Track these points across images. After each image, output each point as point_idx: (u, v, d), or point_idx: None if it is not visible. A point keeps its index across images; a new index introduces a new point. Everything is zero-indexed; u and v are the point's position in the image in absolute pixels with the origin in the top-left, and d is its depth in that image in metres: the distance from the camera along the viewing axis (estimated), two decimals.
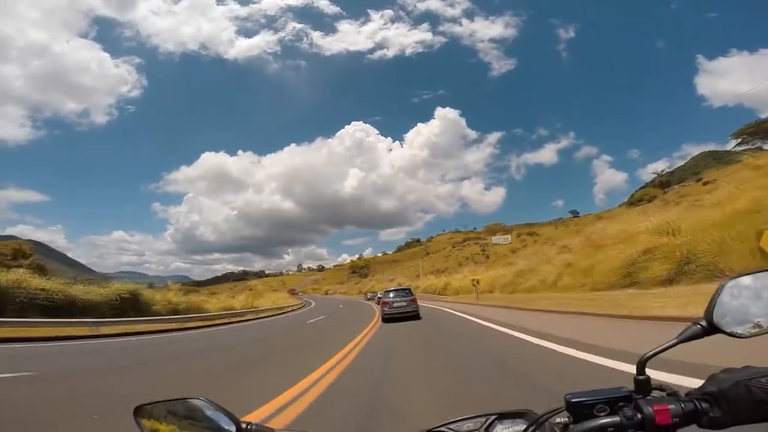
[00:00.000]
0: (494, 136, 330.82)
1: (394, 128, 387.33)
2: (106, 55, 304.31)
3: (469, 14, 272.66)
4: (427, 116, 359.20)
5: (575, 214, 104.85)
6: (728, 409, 0.57)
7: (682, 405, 0.59)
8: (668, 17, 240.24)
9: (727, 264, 10.42)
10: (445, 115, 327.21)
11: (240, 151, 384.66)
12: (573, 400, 0.63)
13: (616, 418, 0.60)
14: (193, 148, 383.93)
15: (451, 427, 0.71)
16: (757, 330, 0.67)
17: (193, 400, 0.77)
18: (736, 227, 10.92)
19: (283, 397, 3.94)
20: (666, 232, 14.20)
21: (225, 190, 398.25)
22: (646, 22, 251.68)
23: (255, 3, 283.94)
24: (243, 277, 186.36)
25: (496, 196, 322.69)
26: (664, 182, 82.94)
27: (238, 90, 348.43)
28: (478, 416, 0.72)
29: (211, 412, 0.75)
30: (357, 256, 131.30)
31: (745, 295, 0.69)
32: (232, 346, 10.81)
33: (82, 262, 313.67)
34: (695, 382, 0.68)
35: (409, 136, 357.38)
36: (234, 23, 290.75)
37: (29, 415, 4.00)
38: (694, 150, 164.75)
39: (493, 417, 0.72)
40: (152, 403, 0.78)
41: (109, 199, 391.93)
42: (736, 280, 0.71)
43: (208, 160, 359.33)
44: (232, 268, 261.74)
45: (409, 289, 16.80)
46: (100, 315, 15.92)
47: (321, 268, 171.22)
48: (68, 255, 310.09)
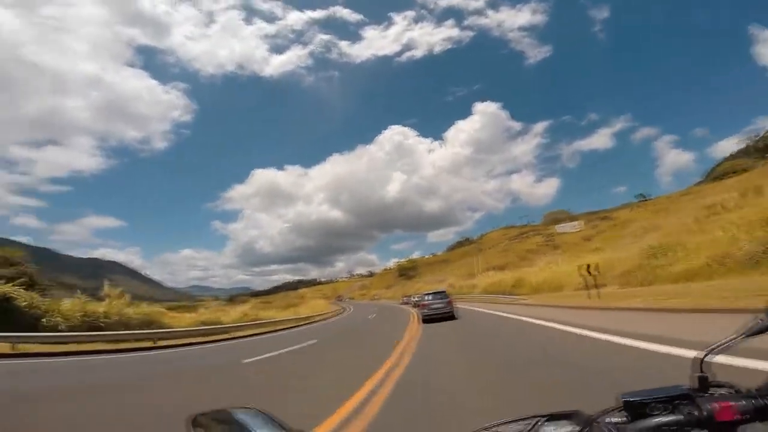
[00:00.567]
0: (540, 126, 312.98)
1: (432, 128, 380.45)
2: (155, 82, 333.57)
3: (493, 5, 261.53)
4: (464, 112, 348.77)
5: (643, 197, 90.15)
6: None
7: (745, 401, 0.56)
8: None
9: None
10: (485, 110, 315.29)
11: (287, 166, 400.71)
12: (628, 399, 0.59)
13: (676, 416, 0.57)
14: (244, 165, 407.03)
15: (499, 429, 0.66)
16: None
17: (246, 410, 0.80)
18: None
19: None
20: None
21: (277, 204, 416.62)
22: None
23: (280, 19, 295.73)
24: (296, 286, 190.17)
25: (549, 187, 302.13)
26: (761, 147, 66.90)
27: (278, 105, 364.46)
28: (527, 418, 0.66)
29: (263, 422, 0.75)
30: (404, 259, 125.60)
31: None
32: None
33: (156, 278, 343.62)
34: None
35: (449, 134, 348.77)
36: (265, 41, 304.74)
37: None
38: None
39: (542, 419, 0.66)
40: (207, 412, 0.80)
41: (176, 219, 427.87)
42: None
43: (259, 177, 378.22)
44: (289, 278, 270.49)
45: (445, 292, 17.95)
46: None
47: (370, 274, 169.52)
48: (143, 273, 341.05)
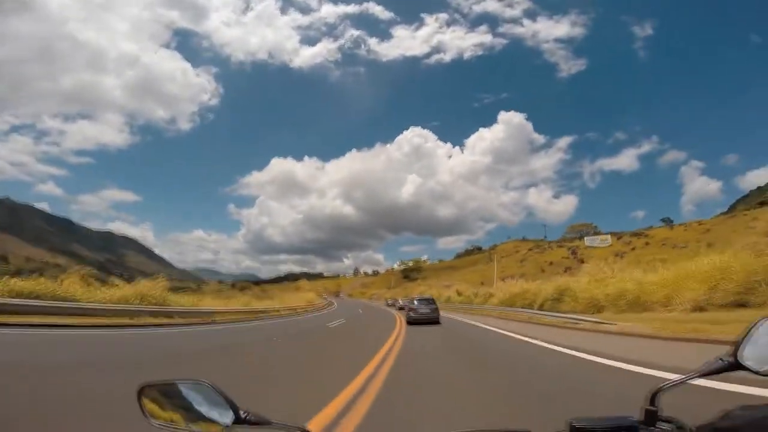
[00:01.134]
0: (564, 141, 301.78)
1: (454, 133, 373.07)
2: (188, 65, 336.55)
3: (531, 14, 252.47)
4: (489, 121, 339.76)
5: (670, 221, 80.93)
6: None
7: None
8: (762, 7, 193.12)
9: None
10: (510, 119, 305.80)
11: (306, 157, 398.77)
12: (575, 425, 0.59)
13: None
14: (264, 153, 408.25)
15: None
16: None
17: (196, 383, 0.78)
18: None
19: None
20: None
21: (292, 194, 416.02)
22: (734, 15, 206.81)
23: (315, 11, 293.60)
24: (299, 278, 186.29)
25: (567, 205, 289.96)
26: None
27: (303, 97, 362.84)
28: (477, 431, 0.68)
29: (212, 397, 0.75)
30: (410, 261, 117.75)
31: None
32: None
33: (165, 257, 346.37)
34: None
35: (471, 141, 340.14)
36: (298, 32, 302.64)
37: None
38: None
39: None
40: (155, 383, 0.80)
41: (192, 200, 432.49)
42: None
43: (277, 166, 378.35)
44: (296, 269, 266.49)
45: (433, 299, 18.78)
46: None
47: (375, 273, 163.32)
48: (155, 251, 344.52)
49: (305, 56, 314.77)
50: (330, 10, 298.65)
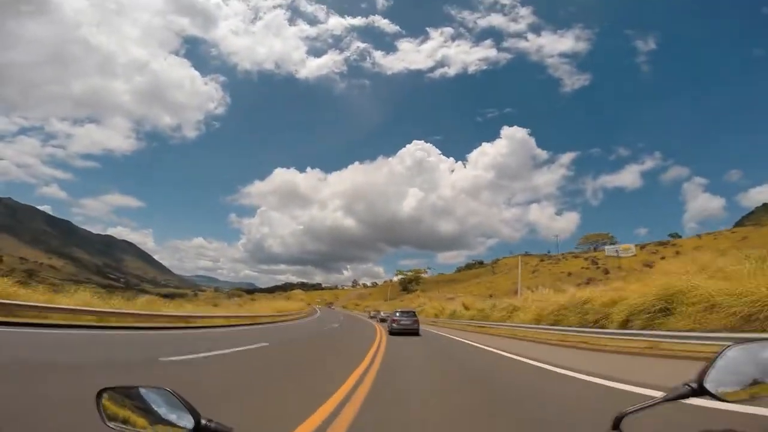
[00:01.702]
0: (567, 157, 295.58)
1: (457, 148, 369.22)
2: (197, 73, 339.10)
3: (535, 29, 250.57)
4: (492, 135, 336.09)
5: (678, 236, 76.64)
6: None
7: None
8: (762, 22, 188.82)
9: None
10: (513, 134, 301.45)
11: (308, 168, 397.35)
12: None
13: None
14: (267, 163, 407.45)
15: None
16: (747, 397, 0.63)
17: (158, 390, 0.78)
18: None
19: None
20: None
21: (293, 205, 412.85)
22: (736, 30, 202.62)
23: (322, 23, 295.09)
24: (294, 287, 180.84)
25: (569, 222, 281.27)
26: None
27: (308, 108, 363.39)
28: None
29: (173, 404, 0.75)
30: (409, 271, 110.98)
31: (746, 362, 0.64)
32: None
33: (165, 263, 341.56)
34: None
35: (473, 156, 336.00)
36: (305, 43, 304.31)
37: None
38: None
39: None
40: (115, 388, 0.79)
41: (193, 207, 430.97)
42: (739, 345, 0.66)
43: (279, 176, 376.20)
44: (294, 280, 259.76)
45: (414, 312, 19.95)
46: None
47: (374, 285, 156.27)
48: (153, 256, 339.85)
49: (311, 67, 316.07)
50: (337, 22, 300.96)
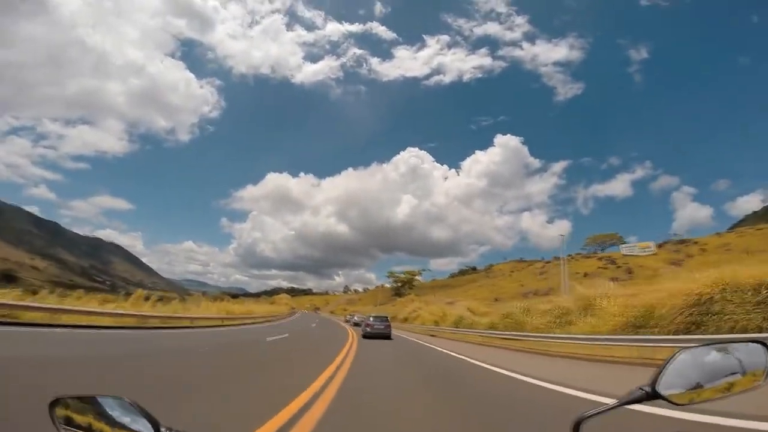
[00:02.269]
0: (560, 165, 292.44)
1: (451, 155, 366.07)
2: (192, 76, 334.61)
3: (530, 37, 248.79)
4: (486, 143, 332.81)
5: (680, 239, 70.52)
6: None
7: None
8: (750, 31, 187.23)
9: None
10: (506, 143, 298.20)
11: (302, 173, 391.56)
12: None
13: None
14: (260, 168, 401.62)
15: None
16: (695, 400, 0.66)
17: (115, 398, 0.74)
18: None
19: None
20: None
21: (286, 211, 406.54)
22: (726, 39, 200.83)
23: (320, 29, 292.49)
24: (286, 293, 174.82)
25: (560, 229, 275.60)
26: None
27: (303, 113, 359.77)
28: None
29: (132, 413, 0.72)
30: (402, 273, 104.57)
31: (692, 366, 0.68)
32: None
33: (153, 267, 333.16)
34: None
35: (466, 163, 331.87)
36: (302, 48, 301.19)
37: None
38: None
39: None
40: (70, 397, 0.76)
41: (184, 211, 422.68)
42: (690, 350, 0.70)
43: (272, 181, 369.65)
44: (285, 285, 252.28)
45: (387, 317, 20.53)
46: None
47: (366, 290, 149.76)
48: (141, 259, 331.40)
49: (307, 72, 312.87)
50: (335, 28, 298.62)
